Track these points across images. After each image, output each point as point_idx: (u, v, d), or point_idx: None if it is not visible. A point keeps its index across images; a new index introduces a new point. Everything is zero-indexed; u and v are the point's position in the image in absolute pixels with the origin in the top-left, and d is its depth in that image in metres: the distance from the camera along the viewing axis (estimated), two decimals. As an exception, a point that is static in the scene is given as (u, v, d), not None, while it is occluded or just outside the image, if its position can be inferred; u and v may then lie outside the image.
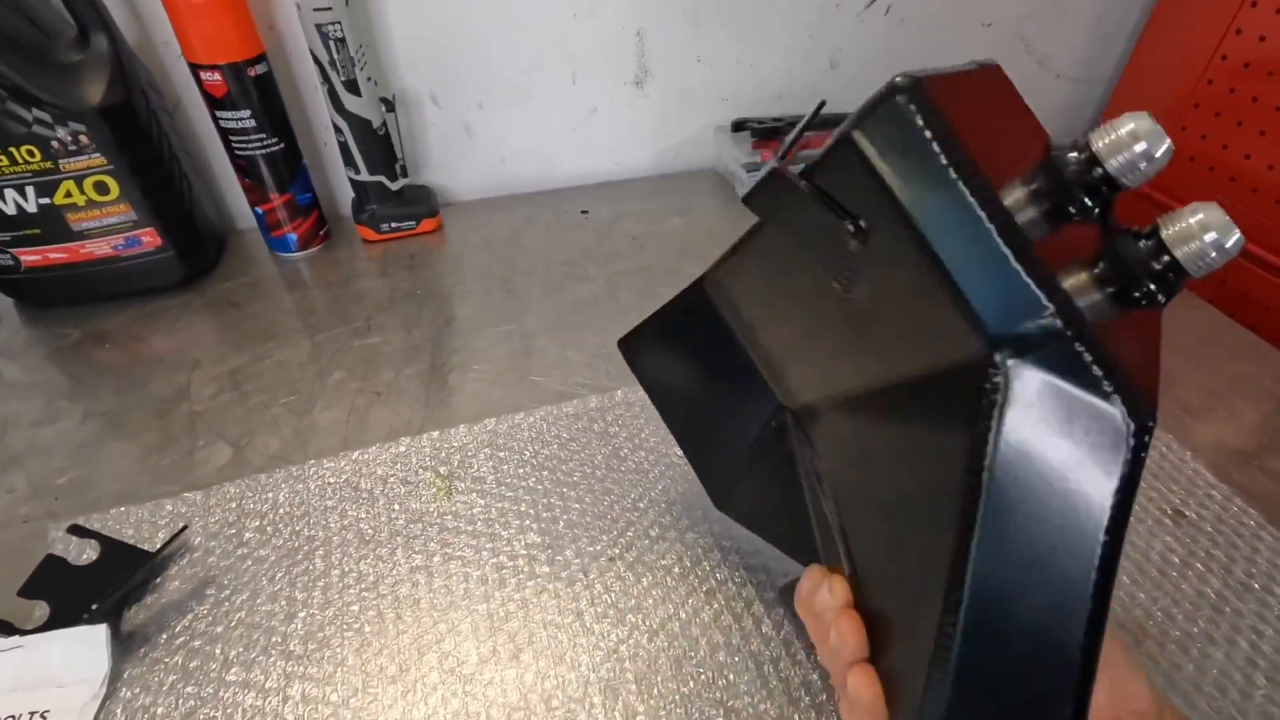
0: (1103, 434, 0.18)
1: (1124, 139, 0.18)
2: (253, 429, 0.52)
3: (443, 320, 0.62)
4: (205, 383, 0.56)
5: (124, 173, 0.57)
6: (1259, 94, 0.71)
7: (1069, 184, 0.19)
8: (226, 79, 0.58)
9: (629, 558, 0.43)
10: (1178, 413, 0.53)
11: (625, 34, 0.74)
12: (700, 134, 0.83)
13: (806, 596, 0.30)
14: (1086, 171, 0.19)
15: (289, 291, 0.66)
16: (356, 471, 0.48)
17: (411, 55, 0.69)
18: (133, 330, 0.61)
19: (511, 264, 0.69)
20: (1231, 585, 0.41)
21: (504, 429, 0.51)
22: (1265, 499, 0.46)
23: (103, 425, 0.52)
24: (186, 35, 0.56)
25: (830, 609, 0.28)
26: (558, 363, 0.57)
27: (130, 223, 0.60)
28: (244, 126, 0.61)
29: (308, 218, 0.69)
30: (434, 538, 0.44)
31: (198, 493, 0.46)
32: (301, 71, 0.67)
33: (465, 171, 0.79)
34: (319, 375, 0.56)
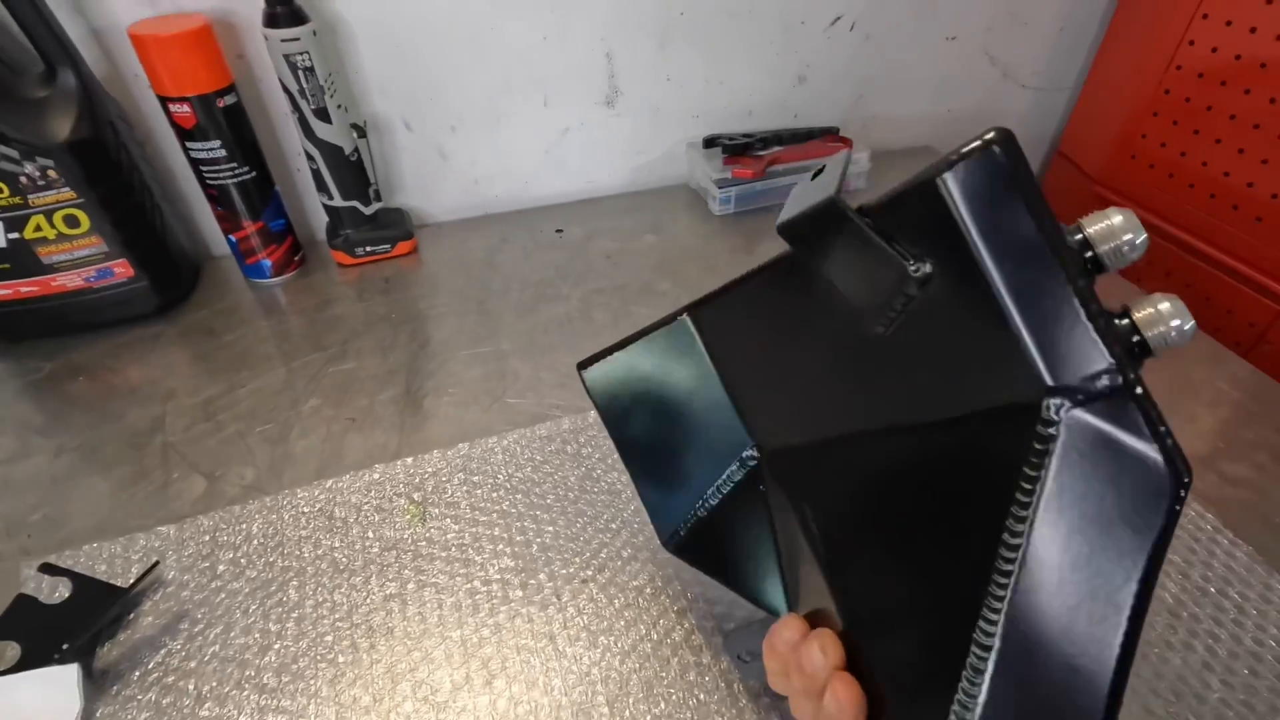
0: (1147, 485, 0.19)
1: (1114, 229, 0.20)
2: (227, 459, 0.52)
3: (418, 344, 0.63)
4: (180, 414, 0.56)
5: (94, 206, 0.58)
6: (1213, 103, 0.73)
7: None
8: (195, 110, 0.58)
9: (601, 579, 0.43)
10: (1139, 419, 0.54)
11: (595, 55, 0.75)
12: (672, 151, 0.84)
13: (785, 649, 0.29)
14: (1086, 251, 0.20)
15: (264, 318, 0.66)
16: (331, 500, 0.48)
17: (382, 81, 0.70)
18: (106, 362, 0.61)
19: (486, 285, 0.70)
20: (1189, 590, 0.43)
21: (477, 453, 0.51)
22: (1222, 503, 0.48)
23: (76, 460, 0.52)
24: (154, 68, 0.57)
25: (823, 669, 0.26)
26: (531, 384, 0.58)
27: (102, 254, 0.60)
28: (215, 156, 0.61)
29: (281, 244, 0.69)
30: (408, 565, 0.44)
31: (171, 526, 0.46)
32: (271, 100, 0.68)
33: (439, 194, 0.79)
34: (294, 403, 0.56)
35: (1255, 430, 0.53)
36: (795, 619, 0.29)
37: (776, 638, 0.29)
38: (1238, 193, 0.72)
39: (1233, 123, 0.71)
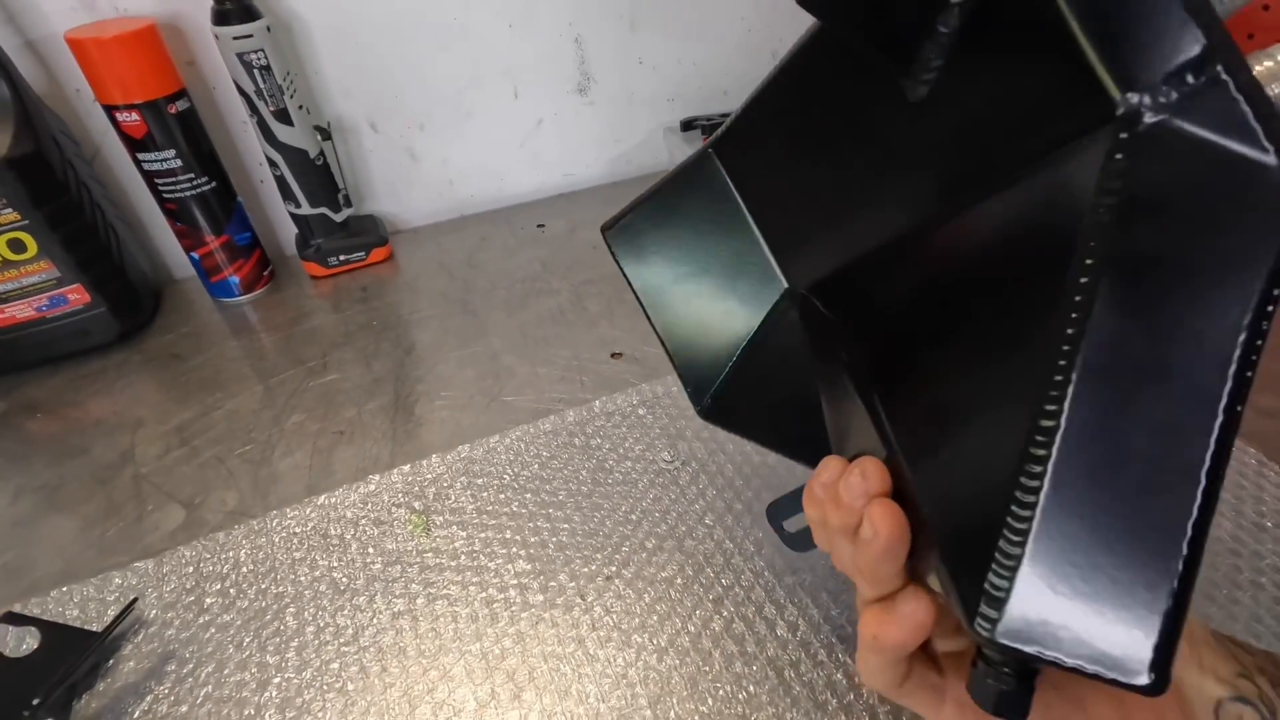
0: (1264, 197, 0.15)
1: None
2: (206, 486, 0.48)
3: (403, 350, 0.59)
4: (150, 443, 0.51)
5: (41, 228, 0.53)
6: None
7: None
8: (145, 118, 0.55)
9: (627, 574, 0.40)
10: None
11: (563, 42, 0.72)
12: (650, 137, 0.82)
13: (826, 485, 0.25)
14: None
15: (235, 338, 0.62)
16: (324, 517, 0.44)
17: (344, 81, 0.66)
18: (66, 396, 0.56)
19: (469, 285, 0.67)
20: (1245, 527, 0.40)
21: (479, 454, 0.48)
22: (1261, 437, 0.46)
23: (38, 501, 0.48)
24: (97, 75, 0.53)
25: (861, 495, 0.23)
26: (529, 380, 0.55)
27: (53, 280, 0.56)
28: (170, 168, 0.57)
29: (249, 259, 0.65)
30: (415, 579, 0.40)
31: (149, 561, 0.42)
32: (228, 106, 0.64)
33: (412, 197, 0.76)
34: (275, 420, 0.52)
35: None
36: (835, 459, 0.26)
37: (815, 481, 0.26)
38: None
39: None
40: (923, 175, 0.22)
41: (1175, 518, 0.16)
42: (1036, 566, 0.16)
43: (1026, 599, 0.16)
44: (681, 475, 0.46)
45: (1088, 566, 0.16)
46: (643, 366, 0.55)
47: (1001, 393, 0.19)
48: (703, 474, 0.46)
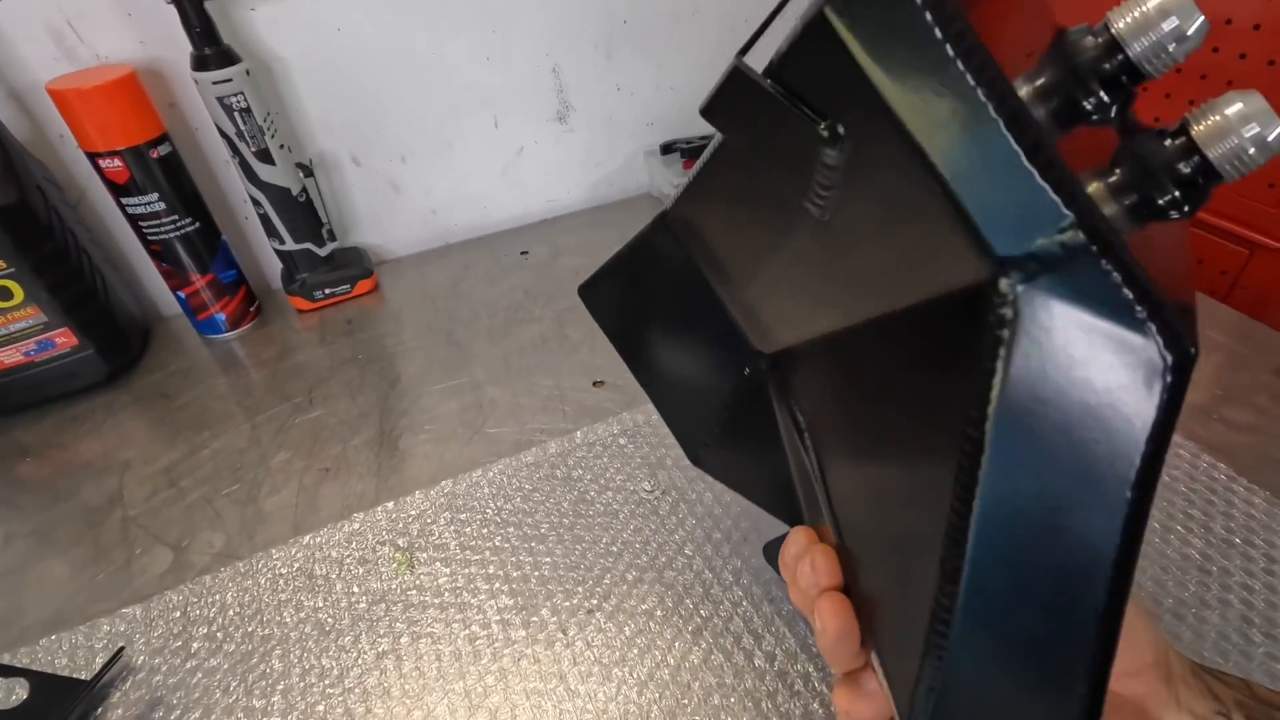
0: (1134, 370, 0.15)
1: (1151, 15, 0.16)
2: (193, 527, 0.48)
3: (387, 383, 0.60)
4: (138, 484, 0.52)
5: (27, 275, 0.54)
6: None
7: (1082, 75, 0.16)
8: (128, 164, 0.55)
9: (608, 607, 0.41)
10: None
11: (541, 72, 0.73)
12: (630, 161, 0.83)
13: (790, 565, 0.27)
14: (1104, 58, 0.16)
15: (222, 375, 0.63)
16: (309, 557, 0.45)
17: (325, 117, 0.67)
18: (55, 439, 0.57)
19: (453, 315, 0.67)
20: (1214, 544, 0.41)
21: (462, 489, 0.48)
22: (1231, 450, 0.47)
23: (28, 547, 0.48)
24: (80, 124, 0.54)
25: (813, 587, 0.25)
26: (511, 411, 0.55)
27: (41, 325, 0.57)
28: (153, 210, 0.58)
29: (235, 296, 0.66)
30: (399, 617, 0.41)
31: (136, 606, 0.43)
32: (210, 146, 0.65)
33: (396, 228, 0.77)
34: (261, 459, 0.53)
35: (1250, 374, 0.53)
36: (801, 532, 0.27)
37: (784, 552, 0.27)
38: (1193, 144, 0.73)
39: (1179, 75, 0.72)
40: (834, 284, 0.23)
41: (1074, 664, 0.17)
42: (951, 695, 0.18)
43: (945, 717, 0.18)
44: (661, 505, 0.46)
45: (1000, 698, 0.18)
46: (624, 394, 0.56)
47: (919, 504, 0.19)
48: (682, 503, 0.46)
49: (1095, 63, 0.17)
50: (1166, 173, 0.16)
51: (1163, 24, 0.16)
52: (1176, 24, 0.16)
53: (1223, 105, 0.16)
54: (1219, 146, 0.16)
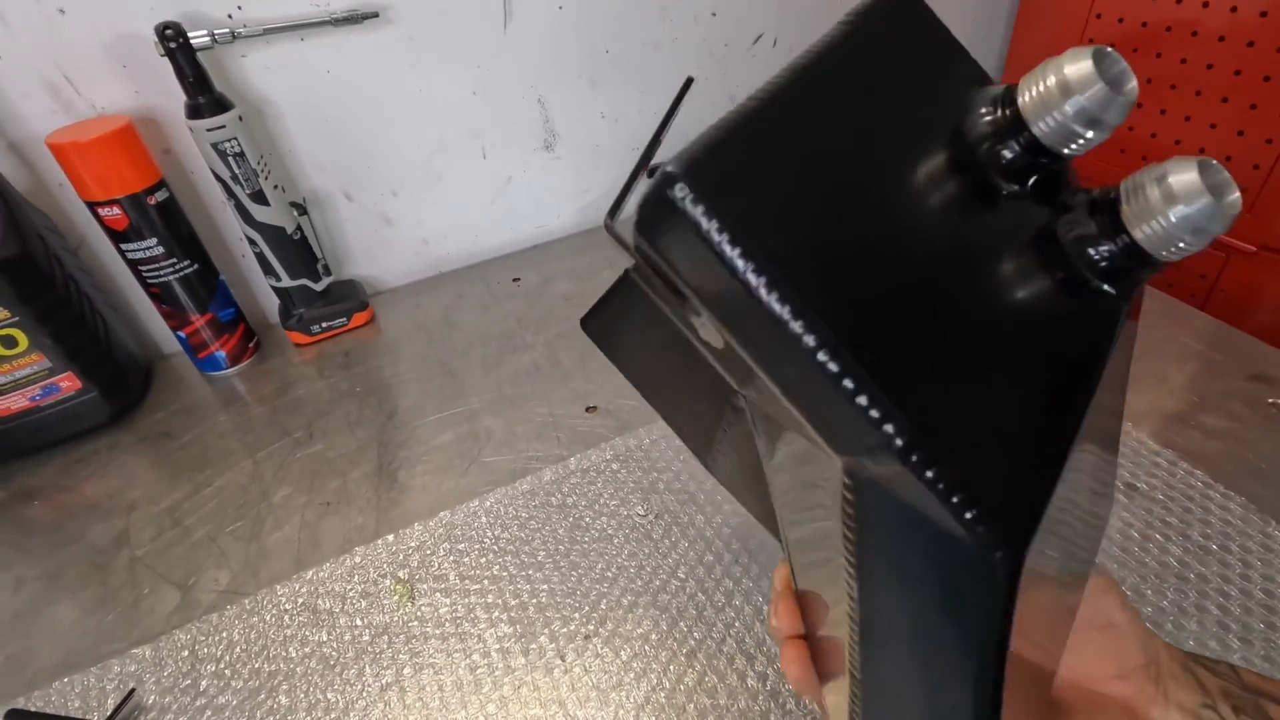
0: (960, 568, 0.15)
1: (1051, 93, 0.15)
2: (199, 566, 0.49)
3: (385, 415, 0.61)
4: (144, 524, 0.53)
5: (30, 323, 0.55)
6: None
7: (981, 164, 0.16)
8: (127, 211, 0.57)
9: (604, 632, 0.42)
10: (1112, 385, 0.54)
11: (527, 103, 0.75)
12: (617, 185, 0.84)
13: (771, 604, 0.29)
14: (1006, 140, 0.16)
15: (224, 411, 0.64)
16: (313, 592, 0.46)
17: (316, 156, 0.69)
18: (61, 481, 0.58)
19: (448, 345, 0.69)
20: (1191, 550, 0.42)
21: (460, 519, 0.50)
22: (1207, 458, 0.48)
23: (38, 590, 0.49)
24: (78, 175, 0.55)
25: (777, 631, 0.28)
26: (506, 440, 0.57)
27: (45, 371, 0.58)
28: (152, 255, 0.60)
29: (234, 333, 0.67)
30: (401, 649, 0.42)
31: (146, 647, 0.44)
32: (206, 188, 0.66)
33: (389, 260, 0.78)
34: (263, 495, 0.54)
35: (1225, 380, 0.54)
36: (781, 573, 0.30)
37: (773, 589, 0.30)
38: (1167, 152, 0.74)
39: (1150, 86, 0.74)
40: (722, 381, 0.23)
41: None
42: None
43: None
44: (655, 529, 0.48)
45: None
46: (616, 419, 0.57)
47: (832, 582, 0.20)
48: (675, 527, 0.48)
49: (992, 150, 0.16)
50: (1082, 258, 0.16)
51: (1066, 105, 0.15)
52: (1083, 105, 0.15)
53: (1156, 179, 0.15)
54: (1147, 228, 0.15)
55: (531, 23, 0.71)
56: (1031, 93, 0.16)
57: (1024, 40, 0.90)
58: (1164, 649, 0.25)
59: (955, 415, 0.15)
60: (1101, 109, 0.15)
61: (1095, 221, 0.16)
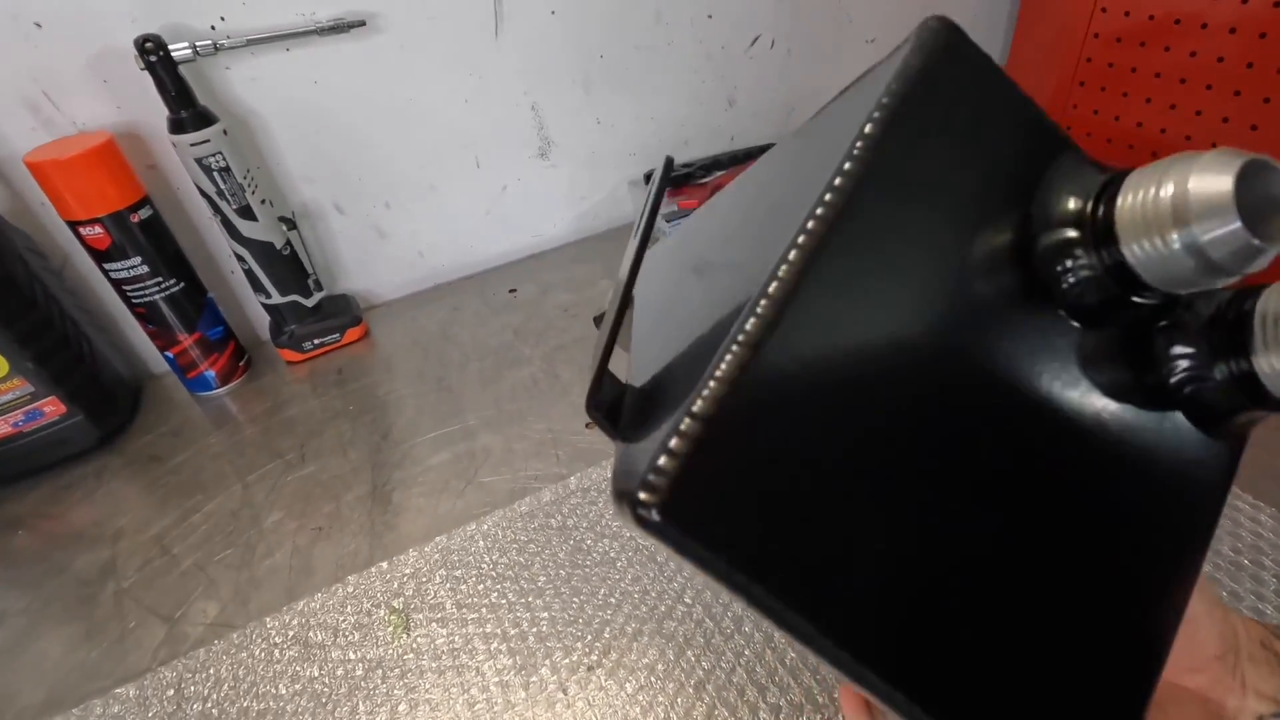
0: None
1: (1158, 210, 0.12)
2: (187, 596, 0.48)
3: (379, 435, 0.59)
4: (131, 554, 0.51)
5: (11, 347, 0.54)
6: (1136, 64, 0.73)
7: (1049, 288, 0.14)
8: (109, 230, 0.55)
9: (608, 663, 0.40)
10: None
11: (520, 110, 0.73)
12: (614, 192, 0.83)
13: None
14: (1102, 269, 0.13)
15: (214, 432, 0.62)
16: (304, 624, 0.44)
17: (305, 169, 0.67)
18: (47, 509, 0.57)
19: (444, 360, 0.67)
20: (1222, 565, 0.40)
21: (456, 544, 0.48)
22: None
23: (22, 626, 0.48)
24: (58, 194, 0.54)
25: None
26: (504, 458, 0.55)
27: (28, 396, 0.56)
28: (137, 274, 0.58)
29: (224, 352, 0.66)
30: (396, 684, 0.40)
31: (130, 686, 0.42)
32: (191, 205, 0.65)
33: (383, 272, 0.76)
34: (254, 520, 0.53)
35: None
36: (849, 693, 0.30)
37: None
38: (1177, 147, 0.72)
39: (1159, 80, 0.72)
40: None
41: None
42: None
43: None
44: (659, 551, 0.46)
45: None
46: (617, 435, 0.55)
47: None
48: (680, 548, 0.46)
49: (1084, 281, 0.14)
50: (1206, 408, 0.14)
51: (1173, 233, 0.12)
52: (1197, 241, 0.11)
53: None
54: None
55: (523, 29, 0.69)
56: (1134, 199, 0.12)
57: (1026, 36, 0.88)
58: (1244, 629, 0.23)
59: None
60: (1227, 253, 0.12)
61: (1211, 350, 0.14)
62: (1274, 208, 0.11)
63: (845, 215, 0.14)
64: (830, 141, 0.16)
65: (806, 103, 0.88)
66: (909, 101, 0.14)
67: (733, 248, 0.21)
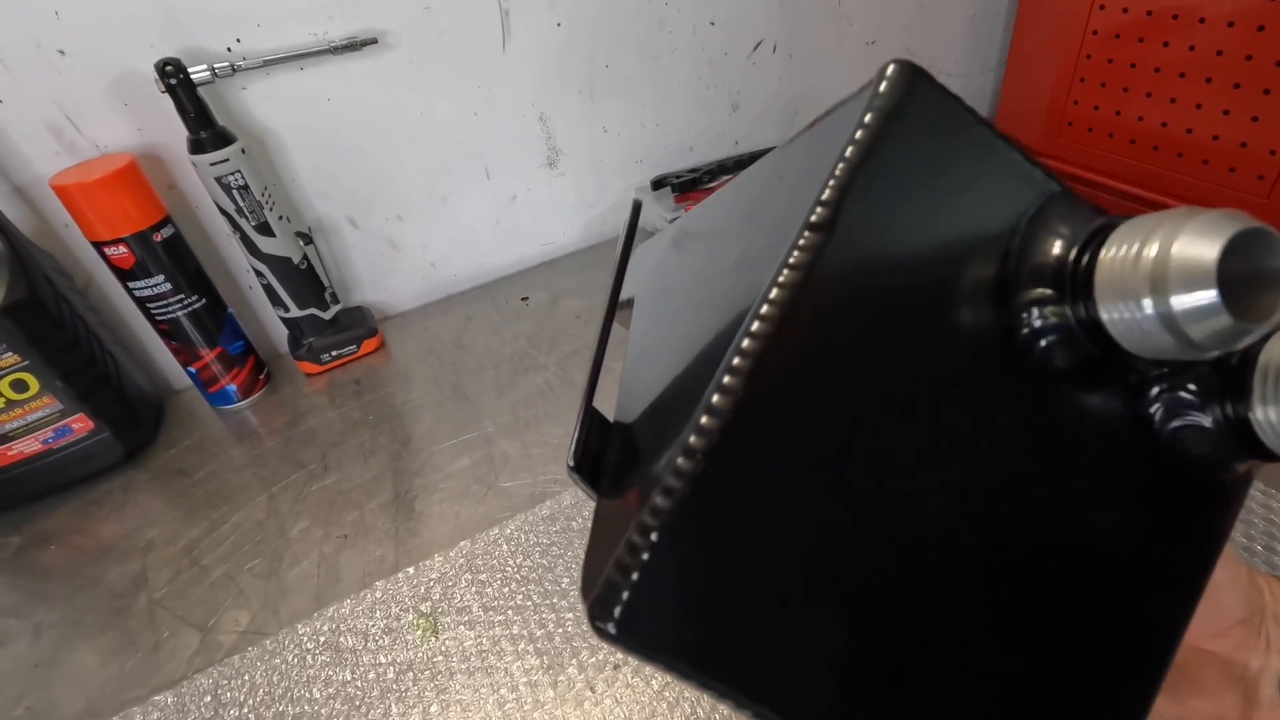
0: None
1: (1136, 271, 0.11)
2: (218, 606, 0.49)
3: (399, 443, 0.60)
4: (162, 565, 0.53)
5: (41, 366, 0.55)
6: (1135, 60, 0.74)
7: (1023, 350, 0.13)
8: (133, 249, 0.57)
9: (634, 661, 0.41)
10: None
11: (528, 121, 0.75)
12: (622, 199, 0.84)
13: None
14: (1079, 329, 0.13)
15: (237, 445, 0.64)
16: (335, 630, 0.45)
17: (320, 185, 0.69)
18: (77, 524, 0.58)
19: (459, 368, 0.68)
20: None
21: (480, 549, 0.49)
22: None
23: (58, 638, 0.49)
24: (84, 216, 0.55)
25: None
26: (523, 464, 0.56)
27: (57, 413, 0.58)
28: (160, 292, 0.59)
29: (244, 366, 0.67)
30: (427, 685, 0.41)
31: (168, 693, 0.43)
32: (211, 222, 0.66)
33: (397, 284, 0.78)
34: (280, 530, 0.54)
35: (1256, 372, 0.53)
36: None
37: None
38: (1179, 141, 0.73)
39: (1159, 75, 0.72)
40: None
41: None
42: None
43: None
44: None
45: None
46: (634, 438, 0.56)
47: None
48: (700, 547, 0.47)
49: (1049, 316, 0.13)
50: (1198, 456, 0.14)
51: (1145, 300, 0.11)
52: (1170, 312, 0.11)
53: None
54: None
55: (530, 41, 0.70)
56: (1117, 253, 0.11)
57: (1025, 34, 0.89)
58: (1271, 591, 0.23)
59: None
60: (1203, 330, 0.10)
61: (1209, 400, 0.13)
62: (1264, 283, 0.11)
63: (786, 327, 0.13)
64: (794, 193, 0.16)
65: (809, 105, 0.89)
66: (872, 154, 0.13)
67: (705, 293, 0.20)
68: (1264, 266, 0.10)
